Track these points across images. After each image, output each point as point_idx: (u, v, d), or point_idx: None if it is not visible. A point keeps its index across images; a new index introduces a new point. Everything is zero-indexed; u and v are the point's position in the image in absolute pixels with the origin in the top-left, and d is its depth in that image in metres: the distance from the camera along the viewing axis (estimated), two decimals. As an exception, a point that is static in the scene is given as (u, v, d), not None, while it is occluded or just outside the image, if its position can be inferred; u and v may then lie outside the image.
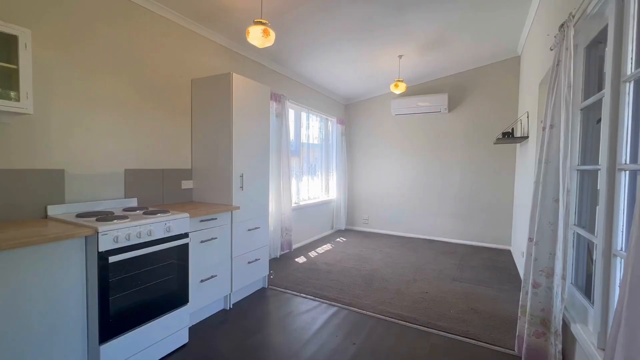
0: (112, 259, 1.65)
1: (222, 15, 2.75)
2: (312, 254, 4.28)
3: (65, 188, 2.03)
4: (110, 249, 1.66)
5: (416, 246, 4.76)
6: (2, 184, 1.75)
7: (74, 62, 2.05)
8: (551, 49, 1.92)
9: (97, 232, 1.61)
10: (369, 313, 2.59)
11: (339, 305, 2.73)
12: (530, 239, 1.90)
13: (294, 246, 4.51)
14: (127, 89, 2.37)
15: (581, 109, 1.83)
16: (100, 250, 1.62)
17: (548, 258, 1.79)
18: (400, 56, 4.03)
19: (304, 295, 2.94)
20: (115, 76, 2.29)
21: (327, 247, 4.66)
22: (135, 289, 1.80)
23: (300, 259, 4.00)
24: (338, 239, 5.13)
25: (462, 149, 4.94)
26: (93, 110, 2.17)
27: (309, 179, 5.12)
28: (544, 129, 1.84)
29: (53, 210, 1.94)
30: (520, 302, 1.97)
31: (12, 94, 1.65)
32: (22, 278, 1.40)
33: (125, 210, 2.16)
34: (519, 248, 3.74)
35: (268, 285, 3.14)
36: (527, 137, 3.40)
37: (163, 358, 1.96)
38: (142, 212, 2.09)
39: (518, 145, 4.37)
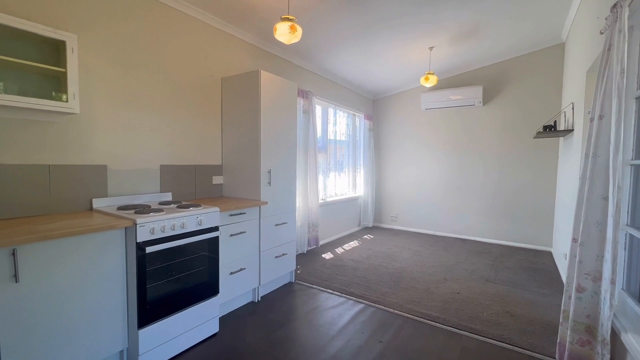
0: (149, 249, 1.74)
1: (250, 13, 2.79)
2: (339, 250, 4.27)
3: (108, 182, 2.18)
4: (147, 239, 1.76)
5: (447, 245, 4.60)
6: (54, 178, 1.91)
7: (114, 63, 2.19)
8: (601, 33, 1.75)
9: (136, 224, 1.71)
10: (397, 312, 2.54)
11: (366, 302, 2.70)
12: (574, 240, 1.76)
13: (321, 242, 4.53)
14: (163, 88, 2.49)
15: (636, 98, 1.66)
16: (138, 240, 1.72)
17: (595, 260, 1.65)
18: (431, 48, 3.88)
19: (331, 291, 2.94)
20: (151, 76, 2.41)
21: (354, 244, 4.63)
22: (169, 279, 1.90)
23: (327, 255, 4.01)
24: (365, 236, 5.08)
25: (498, 143, 4.68)
26: (131, 109, 2.30)
27: (336, 175, 5.10)
28: (592, 120, 1.68)
29: (97, 203, 2.09)
30: (562, 307, 1.83)
31: (62, 95, 1.79)
32: (72, 263, 1.52)
33: (160, 203, 2.28)
34: (561, 249, 3.49)
35: (295, 280, 3.18)
36: (572, 130, 3.15)
37: (195, 345, 2.05)
38: (176, 205, 2.19)
39: (561, 139, 4.06)
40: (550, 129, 3.52)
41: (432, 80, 3.98)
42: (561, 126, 3.73)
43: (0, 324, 1.31)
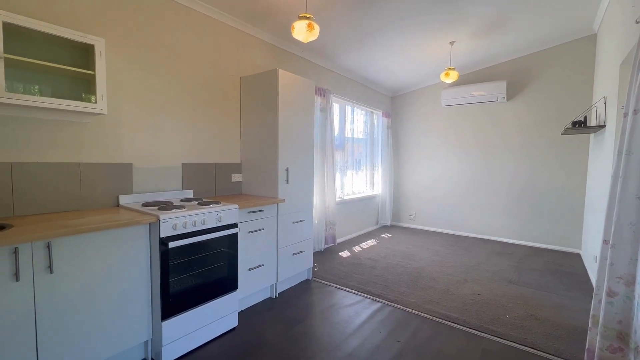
0: (172, 244, 1.81)
1: (268, 13, 2.82)
2: (356, 248, 4.25)
3: (133, 180, 2.27)
4: (169, 235, 1.82)
5: (467, 245, 4.48)
6: (84, 176, 2.01)
7: (138, 65, 2.27)
8: (637, 22, 1.64)
9: (159, 220, 1.77)
10: (415, 311, 2.50)
11: (383, 301, 2.68)
12: (605, 242, 1.67)
13: (338, 240, 4.53)
14: (184, 89, 2.56)
15: (677, 90, 1.55)
16: (161, 236, 1.78)
17: (628, 263, 1.56)
18: (451, 42, 3.78)
19: (348, 289, 2.94)
20: (173, 77, 2.48)
21: (371, 242, 4.59)
22: (190, 273, 1.96)
23: (344, 253, 4.01)
24: (383, 235, 5.03)
25: (522, 140, 4.50)
26: (154, 109, 2.38)
27: (354, 173, 5.08)
28: (625, 115, 1.59)
29: (123, 200, 2.18)
30: (591, 312, 1.75)
31: (91, 97, 1.88)
32: (100, 256, 1.60)
33: (182, 200, 2.35)
34: (590, 251, 3.33)
35: (312, 278, 3.20)
36: (604, 125, 2.98)
37: (216, 338, 2.11)
38: (197, 202, 2.25)
39: (592, 135, 3.86)
40: (579, 125, 3.36)
41: (453, 76, 3.88)
42: (592, 122, 3.55)
43: (38, 311, 1.40)
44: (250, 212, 2.44)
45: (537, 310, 2.53)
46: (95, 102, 1.85)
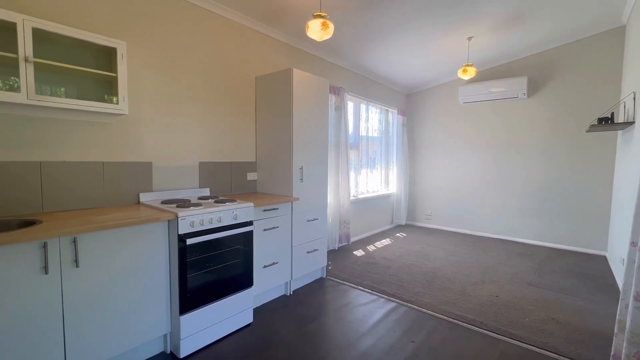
0: (189, 241, 1.85)
1: (283, 12, 2.84)
2: (371, 247, 4.23)
3: (153, 178, 2.34)
4: (187, 232, 1.87)
5: (485, 245, 4.37)
6: (106, 174, 2.09)
7: (157, 66, 2.33)
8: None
9: (177, 217, 1.82)
10: (430, 312, 2.47)
11: (398, 301, 2.66)
12: (633, 244, 1.59)
13: (352, 239, 4.52)
14: (202, 89, 2.62)
15: None
16: (179, 233, 1.83)
17: (658, 267, 1.48)
18: (469, 38, 3.69)
19: (362, 288, 2.93)
20: (191, 78, 2.54)
21: (386, 241, 4.56)
22: (207, 270, 2.01)
23: (359, 252, 4.00)
24: (398, 234, 4.98)
25: (544, 138, 4.35)
26: (173, 109, 2.44)
27: (368, 172, 5.04)
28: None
29: (144, 197, 2.25)
30: (617, 317, 1.67)
31: (112, 98, 1.95)
32: (122, 252, 1.66)
33: (199, 198, 2.40)
34: (617, 253, 3.18)
35: (326, 276, 3.21)
36: (633, 122, 2.84)
37: (231, 334, 2.15)
38: (213, 200, 2.30)
39: (619, 132, 3.68)
40: (606, 122, 3.21)
41: (471, 72, 3.79)
42: (620, 118, 3.38)
43: (65, 303, 1.47)
44: (265, 210, 2.47)
45: (559, 314, 2.44)
46: (117, 103, 1.91)
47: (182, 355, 1.88)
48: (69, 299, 1.48)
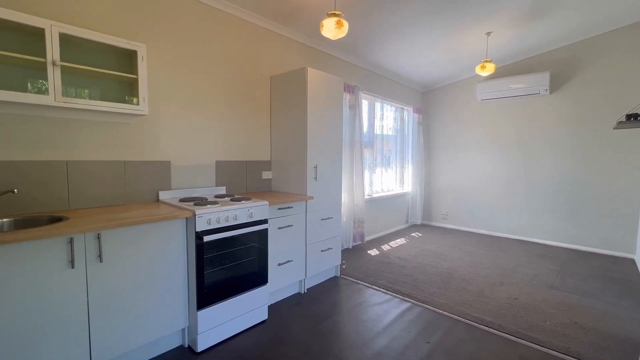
0: (206, 238, 1.89)
1: (297, 12, 2.85)
2: (385, 247, 4.20)
3: (172, 177, 2.40)
4: (204, 229, 1.91)
5: (504, 246, 4.26)
6: (128, 173, 2.17)
7: (175, 68, 2.39)
8: None
9: (195, 215, 1.87)
10: (446, 313, 2.43)
11: (413, 301, 2.63)
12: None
13: (366, 238, 4.49)
14: (218, 89, 2.66)
15: None
16: (197, 230, 1.88)
17: (691, 271, 1.40)
18: (488, 33, 3.59)
19: (376, 287, 2.91)
20: (208, 79, 2.59)
21: (400, 241, 4.51)
22: (223, 267, 2.05)
23: (373, 252, 3.97)
24: (413, 234, 4.92)
25: (566, 135, 4.19)
26: (191, 110, 2.50)
27: (383, 170, 5.00)
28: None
29: (163, 195, 2.32)
30: (645, 322, 1.60)
31: (133, 99, 2.01)
32: (143, 248, 1.72)
33: (216, 196, 2.45)
34: (646, 257, 3.03)
35: (340, 275, 3.21)
36: (665, 118, 2.69)
37: (247, 330, 2.19)
38: (229, 198, 2.34)
39: (650, 129, 3.50)
40: (634, 118, 3.06)
41: (489, 69, 3.69)
42: (650, 114, 3.21)
43: (90, 296, 1.53)
44: (279, 209, 2.49)
45: (582, 318, 2.35)
46: (138, 104, 1.98)
47: (199, 350, 1.92)
48: (93, 292, 1.55)
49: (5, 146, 1.72)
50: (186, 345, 1.99)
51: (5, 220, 1.64)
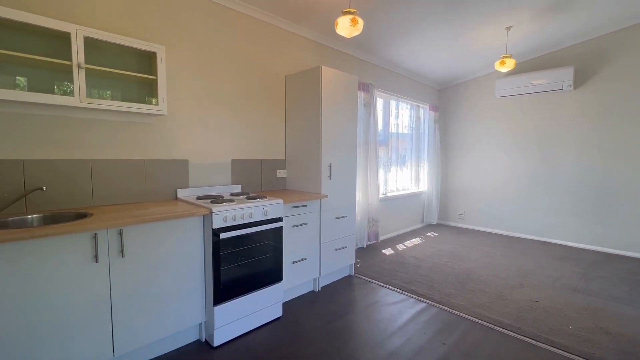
0: (223, 235, 1.93)
1: (311, 11, 2.85)
2: (400, 246, 4.15)
3: (189, 175, 2.46)
4: (221, 226, 1.95)
5: (524, 247, 4.13)
6: (148, 171, 2.23)
7: (193, 68, 2.44)
8: None
9: (212, 212, 1.90)
10: (463, 314, 2.38)
11: (428, 301, 2.60)
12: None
13: (381, 237, 4.46)
14: (234, 89, 2.70)
15: None
16: (214, 227, 1.91)
17: None
18: (508, 28, 3.48)
19: (391, 287, 2.89)
20: (224, 79, 2.63)
21: (416, 240, 4.45)
22: (239, 264, 2.08)
23: (387, 251, 3.94)
24: (429, 234, 4.85)
25: (591, 133, 4.01)
26: (208, 109, 2.55)
27: (398, 169, 4.94)
28: None
29: (181, 193, 2.38)
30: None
31: (152, 99, 2.07)
32: (163, 244, 1.77)
33: (232, 194, 2.49)
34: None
35: (354, 274, 3.20)
36: (700, 114, 2.54)
37: (262, 326, 2.22)
38: (245, 197, 2.37)
39: (684, 125, 3.31)
40: (667, 114, 2.89)
41: (509, 64, 3.58)
42: (684, 110, 3.04)
43: (112, 290, 1.59)
44: (294, 207, 2.51)
45: (608, 323, 2.26)
46: (157, 104, 2.03)
47: (216, 344, 1.96)
48: (116, 286, 1.60)
49: (35, 146, 1.81)
50: (203, 340, 2.03)
51: (35, 216, 1.72)
